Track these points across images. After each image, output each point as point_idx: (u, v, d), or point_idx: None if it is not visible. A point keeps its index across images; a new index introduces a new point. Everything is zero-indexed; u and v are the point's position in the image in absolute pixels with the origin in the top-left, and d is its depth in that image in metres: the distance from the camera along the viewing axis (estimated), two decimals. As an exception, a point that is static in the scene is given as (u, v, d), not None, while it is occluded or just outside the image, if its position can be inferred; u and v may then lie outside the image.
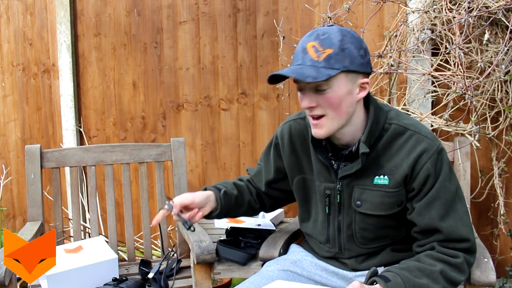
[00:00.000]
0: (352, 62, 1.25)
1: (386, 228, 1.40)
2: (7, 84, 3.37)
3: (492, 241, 2.44)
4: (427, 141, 1.32)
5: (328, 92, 1.25)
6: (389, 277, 1.24)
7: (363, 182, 1.37)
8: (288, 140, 1.52)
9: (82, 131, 3.09)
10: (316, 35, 1.26)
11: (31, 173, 1.99)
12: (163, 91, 2.94)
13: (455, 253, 1.28)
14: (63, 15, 3.01)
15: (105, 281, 1.78)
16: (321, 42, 1.25)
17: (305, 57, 1.25)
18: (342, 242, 1.45)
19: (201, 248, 1.66)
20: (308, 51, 1.25)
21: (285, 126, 1.54)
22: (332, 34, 1.25)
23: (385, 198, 1.35)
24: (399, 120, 1.36)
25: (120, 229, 2.80)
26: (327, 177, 1.42)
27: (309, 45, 1.26)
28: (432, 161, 1.30)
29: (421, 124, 1.39)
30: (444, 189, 1.30)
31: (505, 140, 2.27)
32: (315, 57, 1.24)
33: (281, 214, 2.25)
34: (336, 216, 1.44)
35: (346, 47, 1.24)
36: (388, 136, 1.35)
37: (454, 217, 1.30)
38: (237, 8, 2.77)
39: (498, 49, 2.06)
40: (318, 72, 1.22)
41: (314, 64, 1.24)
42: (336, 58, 1.24)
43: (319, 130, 1.31)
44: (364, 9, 2.52)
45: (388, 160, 1.34)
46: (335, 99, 1.26)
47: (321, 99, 1.27)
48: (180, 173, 2.14)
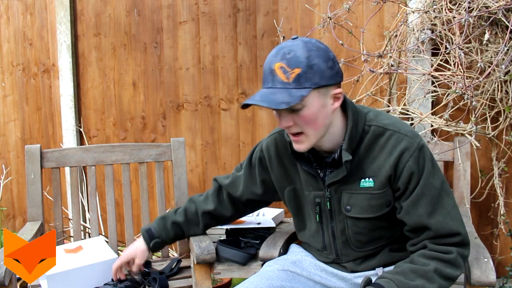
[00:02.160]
0: (322, 77, 1.24)
1: (379, 230, 1.40)
2: (7, 84, 3.37)
3: (492, 241, 2.44)
4: (407, 139, 1.31)
5: (303, 110, 1.25)
6: (382, 284, 1.24)
7: (350, 187, 1.37)
8: (275, 154, 1.52)
9: (82, 131, 3.09)
10: (282, 55, 1.24)
11: (31, 173, 1.99)
12: (163, 91, 2.94)
13: (447, 248, 1.28)
14: (63, 15, 3.01)
15: (105, 281, 1.77)
16: (287, 62, 1.23)
17: (275, 79, 1.24)
18: (338, 248, 1.45)
19: (201, 248, 1.66)
20: (276, 72, 1.24)
21: (270, 139, 1.54)
22: (298, 52, 1.23)
23: (372, 200, 1.35)
24: (377, 121, 1.35)
25: (120, 229, 2.80)
26: (315, 186, 1.43)
27: (277, 66, 1.24)
28: (414, 158, 1.29)
29: (401, 122, 1.38)
30: (428, 185, 1.30)
31: (505, 140, 2.27)
32: (284, 78, 1.23)
33: (281, 214, 2.25)
34: (329, 223, 1.44)
35: (313, 63, 1.23)
36: (369, 138, 1.34)
37: (442, 212, 1.29)
38: (237, 8, 2.77)
39: (498, 49, 2.06)
40: (290, 95, 1.21)
41: (285, 86, 1.23)
42: (305, 76, 1.22)
43: (300, 145, 1.32)
44: (364, 9, 2.52)
45: (371, 162, 1.34)
46: (310, 116, 1.26)
47: (296, 118, 1.27)
48: (180, 173, 2.13)
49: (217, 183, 1.74)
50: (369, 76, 2.38)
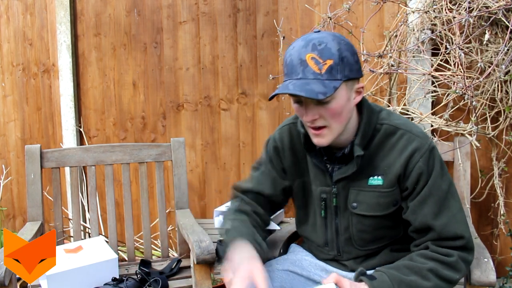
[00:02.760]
0: (351, 70, 1.25)
1: (384, 229, 1.40)
2: (7, 84, 3.37)
3: (492, 241, 2.44)
4: (418, 140, 1.32)
5: (332, 103, 1.24)
6: (375, 275, 1.25)
7: (358, 183, 1.37)
8: (289, 144, 1.50)
9: (82, 131, 3.09)
10: (313, 45, 1.22)
11: (31, 173, 1.99)
12: (163, 91, 2.94)
13: (448, 251, 1.28)
14: (63, 15, 3.00)
15: (105, 281, 1.77)
16: (319, 53, 1.21)
17: (306, 70, 1.22)
18: (340, 245, 1.45)
19: (201, 248, 1.66)
20: (308, 63, 1.22)
21: (284, 129, 1.52)
22: (329, 44, 1.23)
23: (380, 198, 1.35)
24: (390, 120, 1.36)
25: (120, 229, 2.80)
26: (323, 181, 1.43)
27: (308, 56, 1.22)
28: (424, 159, 1.30)
29: (412, 123, 1.39)
30: (436, 187, 1.30)
31: (505, 140, 2.27)
32: (316, 69, 1.21)
33: (281, 214, 2.25)
34: (333, 219, 1.44)
35: (344, 55, 1.23)
36: (380, 136, 1.35)
37: (447, 214, 1.29)
38: (237, 8, 2.77)
39: (498, 49, 2.06)
40: (324, 86, 1.20)
41: (317, 77, 1.21)
42: (337, 68, 1.22)
43: (322, 139, 1.30)
44: (364, 9, 2.52)
45: (381, 160, 1.34)
46: (337, 109, 1.26)
47: (323, 110, 1.25)
48: (180, 173, 2.13)
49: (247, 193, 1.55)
50: (369, 76, 2.38)
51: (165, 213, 2.16)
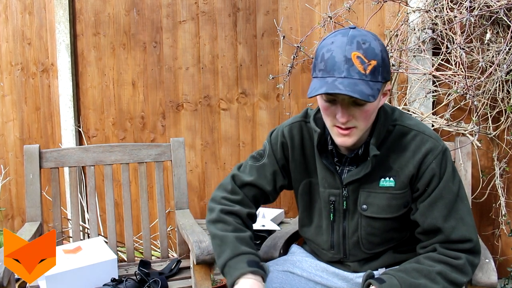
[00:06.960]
0: (388, 72, 1.23)
1: (392, 231, 1.39)
2: (5, 83, 3.36)
3: (494, 242, 2.44)
4: (431, 141, 1.31)
5: (368, 105, 1.21)
6: (384, 278, 1.24)
7: (369, 185, 1.35)
8: (299, 142, 1.45)
9: (81, 131, 3.08)
10: (357, 43, 1.18)
11: (30, 173, 1.98)
12: (163, 90, 2.93)
13: (456, 254, 1.27)
14: (62, 14, 2.99)
15: (104, 282, 1.77)
16: (364, 52, 1.17)
17: (351, 69, 1.16)
18: (348, 248, 1.44)
19: (200, 248, 1.65)
20: (354, 62, 1.17)
21: (295, 125, 1.46)
22: (372, 43, 1.19)
23: (392, 200, 1.34)
24: (402, 120, 1.36)
25: (120, 230, 2.79)
26: (332, 183, 1.40)
27: (354, 55, 1.17)
28: (437, 161, 1.29)
29: (424, 124, 1.38)
30: (447, 189, 1.29)
31: (506, 140, 2.27)
32: (361, 69, 1.17)
33: (281, 214, 2.24)
34: (341, 222, 1.42)
35: (384, 56, 1.21)
36: (393, 137, 1.34)
37: (456, 217, 1.29)
38: (237, 7, 2.76)
39: (499, 48, 2.06)
40: (370, 88, 1.17)
41: (362, 78, 1.17)
42: (379, 70, 1.19)
43: (348, 139, 1.26)
44: (364, 8, 2.51)
45: (394, 161, 1.33)
46: (371, 111, 1.24)
47: (358, 112, 1.22)
48: (180, 173, 2.12)
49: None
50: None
51: (164, 213, 2.15)
